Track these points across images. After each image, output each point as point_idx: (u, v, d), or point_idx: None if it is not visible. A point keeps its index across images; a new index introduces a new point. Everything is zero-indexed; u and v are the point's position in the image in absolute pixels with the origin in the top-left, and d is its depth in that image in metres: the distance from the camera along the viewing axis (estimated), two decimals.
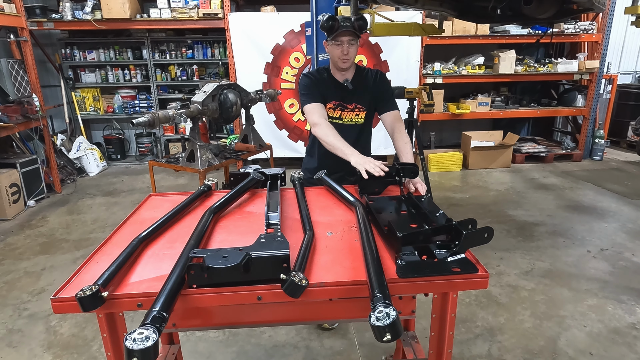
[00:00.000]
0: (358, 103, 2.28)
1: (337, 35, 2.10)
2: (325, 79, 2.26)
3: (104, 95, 6.53)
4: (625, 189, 5.11)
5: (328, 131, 2.08)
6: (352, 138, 2.26)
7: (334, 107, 2.27)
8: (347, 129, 2.28)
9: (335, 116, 2.30)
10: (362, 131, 2.35)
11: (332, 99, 2.26)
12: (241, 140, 4.01)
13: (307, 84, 2.22)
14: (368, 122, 2.36)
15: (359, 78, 2.27)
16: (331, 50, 2.17)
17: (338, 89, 2.25)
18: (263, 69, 5.79)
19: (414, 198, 1.69)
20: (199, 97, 3.41)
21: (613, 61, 7.03)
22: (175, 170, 3.61)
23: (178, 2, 5.52)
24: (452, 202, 4.81)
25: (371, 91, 2.28)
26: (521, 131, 7.39)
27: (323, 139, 2.09)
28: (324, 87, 2.23)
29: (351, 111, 2.28)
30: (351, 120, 2.30)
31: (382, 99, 2.29)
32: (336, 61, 2.18)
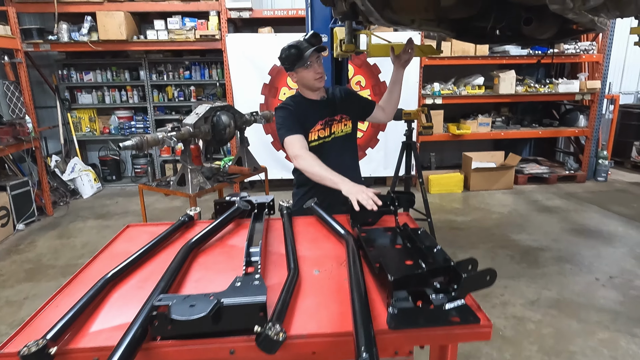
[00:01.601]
0: (342, 113, 2.26)
1: (304, 59, 2.06)
2: (304, 104, 2.18)
3: (101, 116, 6.47)
4: (631, 211, 4.96)
5: (312, 161, 1.97)
6: (347, 148, 2.28)
7: (323, 126, 2.20)
8: (340, 141, 2.26)
9: (326, 134, 2.22)
10: (352, 140, 2.35)
11: (318, 119, 2.18)
12: (235, 163, 3.90)
13: (284, 115, 2.13)
14: (354, 130, 2.35)
15: (329, 93, 2.29)
16: (302, 76, 2.12)
17: (321, 107, 2.20)
18: (260, 90, 5.74)
19: (410, 230, 1.56)
20: (190, 119, 3.32)
21: (614, 81, 6.96)
22: (166, 194, 3.50)
23: (175, 24, 5.50)
24: (454, 226, 4.66)
25: (347, 102, 2.30)
26: (523, 151, 7.28)
27: (308, 171, 1.98)
28: (305, 113, 2.14)
29: (339, 122, 2.26)
30: (342, 131, 2.27)
31: (361, 105, 2.36)
32: (312, 83, 2.13)
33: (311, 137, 2.16)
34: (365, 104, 2.42)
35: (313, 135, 2.17)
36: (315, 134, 2.18)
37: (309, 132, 2.16)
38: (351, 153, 2.33)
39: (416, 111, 3.38)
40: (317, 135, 2.18)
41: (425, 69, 5.83)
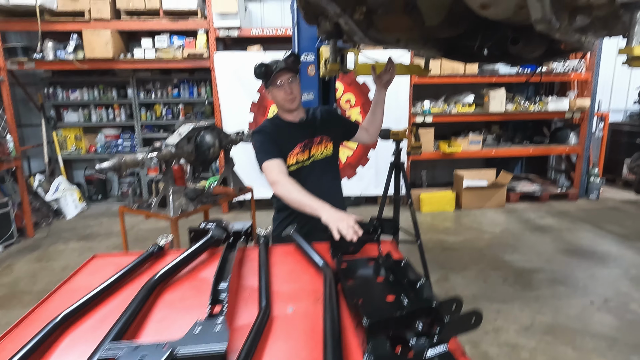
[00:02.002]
0: (322, 135, 2.18)
1: (275, 78, 2.01)
2: (282, 127, 2.11)
3: (87, 135, 6.36)
4: (625, 230, 4.90)
5: (290, 187, 1.88)
6: (327, 171, 2.18)
7: (302, 149, 2.11)
8: (320, 165, 2.16)
9: (305, 158, 2.13)
10: (333, 162, 2.26)
11: (297, 141, 2.10)
12: (220, 183, 3.80)
13: (261, 139, 2.06)
14: (335, 153, 2.26)
15: (309, 114, 2.20)
16: (275, 95, 2.06)
17: (299, 130, 2.12)
18: (249, 108, 5.68)
19: (393, 262, 1.46)
20: (172, 139, 3.22)
21: (603, 99, 6.99)
22: (146, 217, 3.38)
23: (163, 43, 5.46)
24: (446, 246, 4.56)
25: (328, 123, 2.21)
26: (515, 169, 7.25)
27: (286, 197, 1.89)
28: (282, 136, 2.07)
29: (319, 144, 2.17)
30: (322, 154, 2.17)
31: (343, 126, 2.31)
32: (283, 104, 2.07)
33: (289, 161, 2.07)
34: (348, 126, 2.36)
35: (291, 159, 2.08)
36: (293, 157, 2.09)
37: (287, 155, 2.07)
38: (332, 176, 2.24)
39: (404, 131, 3.32)
40: (295, 159, 2.09)
41: (416, 87, 5.81)
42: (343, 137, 2.38)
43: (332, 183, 2.22)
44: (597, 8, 1.86)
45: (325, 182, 2.16)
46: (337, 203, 2.15)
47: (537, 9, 1.79)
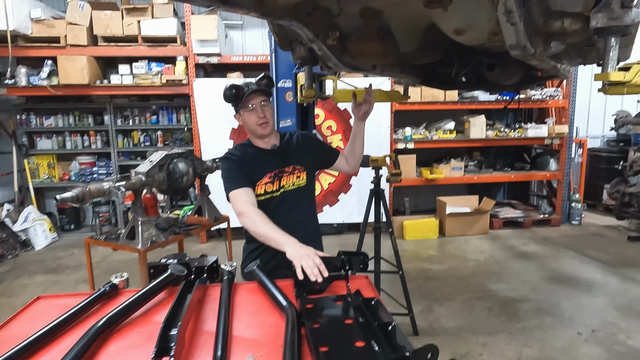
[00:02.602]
0: (295, 164, 2.04)
1: (247, 101, 1.91)
2: (251, 154, 1.99)
3: (61, 162, 6.16)
4: (608, 256, 4.86)
5: (256, 219, 1.76)
6: (299, 203, 2.03)
7: (272, 180, 1.97)
8: (291, 196, 2.01)
9: (274, 189, 1.98)
10: (307, 193, 2.10)
11: (267, 171, 1.96)
12: (195, 213, 3.65)
13: (229, 167, 1.94)
14: (310, 183, 2.11)
15: (284, 141, 2.07)
16: (246, 120, 1.95)
17: (270, 158, 1.99)
18: (229, 135, 5.59)
19: (362, 301, 1.35)
20: (143, 167, 3.09)
21: (581, 126, 7.11)
22: (113, 249, 3.20)
23: (141, 69, 5.38)
24: (429, 275, 4.44)
25: (303, 151, 2.08)
26: (497, 195, 7.25)
27: (252, 230, 1.78)
28: (252, 164, 1.94)
29: (291, 174, 2.02)
30: (293, 184, 2.03)
31: (321, 154, 2.20)
32: (255, 129, 1.95)
33: (258, 191, 1.94)
34: (327, 153, 2.23)
35: (259, 189, 1.95)
36: (261, 187, 1.95)
37: (256, 185, 1.94)
38: (305, 208, 2.09)
39: (383, 158, 3.25)
40: (263, 190, 1.95)
41: (397, 113, 5.82)
42: (321, 165, 2.27)
43: (304, 215, 2.08)
44: (571, 34, 1.84)
45: (296, 214, 2.02)
46: (310, 236, 2.02)
47: (511, 34, 1.75)
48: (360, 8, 1.97)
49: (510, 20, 1.60)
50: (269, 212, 1.89)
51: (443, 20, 1.89)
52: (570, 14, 1.66)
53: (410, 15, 2.01)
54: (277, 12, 1.81)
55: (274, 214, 1.90)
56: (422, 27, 2.21)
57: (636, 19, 1.60)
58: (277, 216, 1.90)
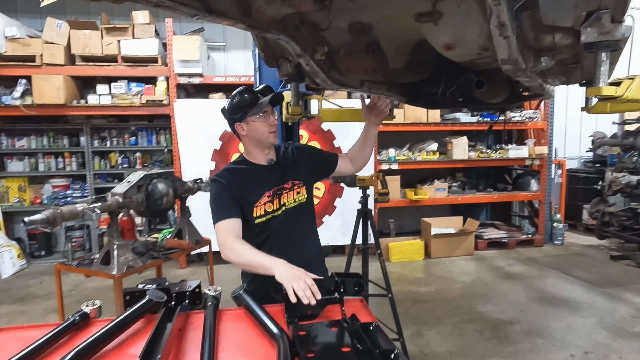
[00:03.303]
0: (294, 179, 1.91)
1: (260, 107, 1.79)
2: (246, 173, 1.85)
3: (32, 185, 5.90)
4: (593, 276, 4.86)
5: (239, 248, 1.63)
6: (301, 219, 1.89)
7: (271, 199, 1.83)
8: (294, 213, 1.87)
9: (275, 208, 1.84)
10: (308, 208, 1.96)
11: (265, 189, 1.83)
12: (175, 236, 3.49)
13: (217, 193, 1.79)
14: (310, 198, 1.99)
15: (280, 155, 1.94)
16: (255, 128, 1.80)
17: (267, 175, 1.86)
18: (211, 156, 5.46)
19: (360, 326, 1.24)
20: (120, 188, 2.94)
21: (559, 147, 7.26)
22: (86, 275, 3.01)
23: (120, 89, 5.26)
24: (417, 298, 4.34)
25: (301, 164, 1.96)
26: (480, 216, 7.27)
27: (236, 261, 1.64)
28: (246, 185, 1.80)
29: (291, 190, 1.89)
30: (294, 201, 1.89)
31: (319, 163, 2.07)
32: (266, 137, 1.82)
33: (256, 213, 1.80)
34: (326, 161, 2.09)
35: (259, 211, 1.80)
36: (261, 208, 1.81)
37: (254, 206, 1.79)
38: (307, 225, 1.96)
39: (370, 177, 3.19)
40: (263, 210, 1.81)
41: (380, 134, 5.79)
42: (322, 175, 2.14)
43: (307, 231, 1.95)
44: (561, 49, 1.83)
45: (300, 232, 1.89)
46: (314, 253, 1.95)
47: (503, 48, 1.73)
48: (350, 22, 1.93)
49: (503, 34, 1.57)
50: (271, 233, 1.79)
51: (433, 35, 1.86)
52: (561, 29, 1.65)
53: (400, 30, 1.98)
54: (264, 24, 1.75)
55: (276, 234, 1.80)
56: (411, 43, 2.19)
57: (626, 33, 1.60)
58: (280, 237, 1.81)
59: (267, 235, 1.83)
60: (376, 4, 1.79)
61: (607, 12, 1.52)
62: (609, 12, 1.52)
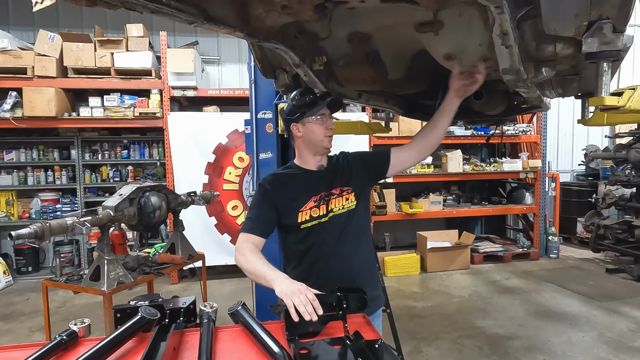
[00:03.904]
0: (342, 186, 1.82)
1: (318, 109, 1.76)
2: (294, 177, 1.80)
3: (21, 199, 5.77)
4: (590, 289, 4.83)
5: (249, 255, 1.58)
6: (350, 228, 1.79)
7: (317, 204, 1.76)
8: (341, 220, 1.78)
9: (322, 213, 1.76)
10: (358, 217, 1.83)
11: (312, 194, 1.76)
12: (167, 250, 3.40)
13: (257, 201, 1.78)
14: (362, 205, 1.85)
15: (331, 163, 1.87)
16: (311, 131, 1.76)
17: (316, 180, 1.79)
18: (204, 170, 5.40)
19: (365, 344, 1.18)
20: (111, 201, 2.87)
21: (552, 160, 7.31)
22: (75, 292, 2.91)
23: (113, 101, 5.21)
24: (414, 313, 4.27)
25: (350, 171, 1.86)
26: (474, 229, 7.24)
27: (244, 267, 1.59)
28: (293, 189, 1.76)
29: (339, 196, 1.80)
30: (343, 208, 1.79)
31: (371, 168, 1.92)
32: (321, 140, 1.76)
33: (302, 218, 1.74)
34: (378, 162, 1.94)
35: (304, 216, 1.74)
36: (306, 213, 1.74)
37: (299, 211, 1.73)
38: (357, 234, 1.83)
39: None
40: (309, 215, 1.74)
41: (375, 148, 5.79)
42: (376, 177, 1.98)
43: (356, 242, 1.83)
44: (562, 59, 1.82)
45: (348, 242, 1.79)
46: (365, 267, 1.87)
47: (505, 58, 1.71)
48: (349, 32, 1.91)
49: (505, 43, 1.55)
50: (317, 240, 1.73)
51: (434, 45, 1.85)
52: (562, 39, 1.64)
53: (400, 40, 1.96)
54: (263, 33, 1.72)
55: (322, 242, 1.73)
56: (410, 53, 2.17)
57: (627, 43, 1.59)
58: (326, 245, 1.74)
59: (312, 242, 1.76)
60: (376, 13, 1.77)
61: (609, 22, 1.51)
62: (610, 22, 1.51)
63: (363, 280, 1.81)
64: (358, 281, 1.80)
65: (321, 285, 1.65)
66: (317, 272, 1.77)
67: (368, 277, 1.88)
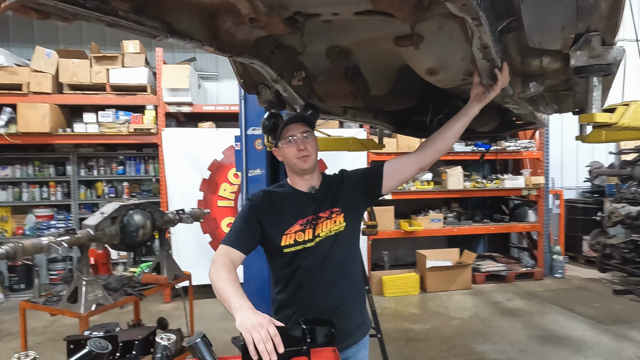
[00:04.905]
0: (333, 207, 1.72)
1: (286, 131, 1.68)
2: (283, 197, 1.73)
3: (15, 215, 5.73)
4: (596, 312, 4.63)
5: (223, 274, 1.47)
6: (335, 253, 1.69)
7: (303, 228, 1.67)
8: (327, 245, 1.67)
9: (307, 238, 1.66)
10: (346, 239, 1.72)
11: (299, 217, 1.68)
12: (153, 270, 3.31)
13: (242, 214, 1.71)
14: (351, 227, 1.74)
15: (326, 184, 1.77)
16: (285, 154, 1.70)
17: (305, 202, 1.71)
18: (199, 186, 5.33)
19: None
20: (92, 219, 2.79)
21: (555, 177, 7.15)
22: (52, 314, 2.81)
23: (107, 117, 5.19)
24: (411, 336, 4.11)
25: (342, 190, 1.76)
26: (477, 247, 7.07)
27: (213, 283, 1.49)
28: (279, 209, 1.69)
29: (328, 219, 1.70)
30: (330, 231, 1.69)
31: (363, 186, 1.79)
32: (294, 163, 1.68)
33: (285, 241, 1.65)
34: (370, 178, 1.80)
35: (288, 239, 1.65)
36: (290, 237, 1.66)
37: (283, 234, 1.65)
38: (343, 259, 1.72)
39: None
40: (293, 239, 1.66)
41: (373, 164, 5.70)
42: (371, 197, 1.85)
43: (342, 266, 1.73)
44: (550, 74, 1.73)
45: (333, 267, 1.69)
46: (350, 294, 1.76)
47: (487, 72, 1.64)
48: (327, 46, 1.84)
49: (486, 57, 1.47)
50: (301, 266, 1.65)
51: (415, 60, 1.76)
52: (549, 52, 1.55)
53: (381, 55, 1.89)
54: (235, 47, 1.65)
55: (307, 269, 1.65)
56: (393, 68, 2.09)
57: (618, 57, 1.50)
58: (310, 271, 1.65)
59: (296, 267, 1.67)
60: (353, 26, 1.70)
61: (597, 34, 1.42)
62: (599, 35, 1.42)
63: (349, 307, 1.73)
64: (344, 308, 1.71)
65: (306, 311, 1.62)
66: (301, 298, 1.69)
67: (354, 303, 1.79)
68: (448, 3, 1.10)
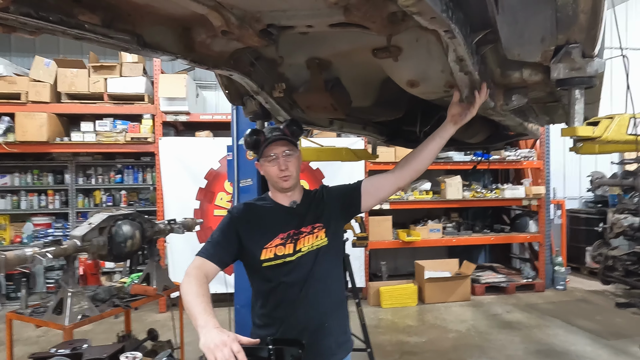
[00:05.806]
0: (314, 222, 1.71)
1: (268, 149, 1.65)
2: (264, 210, 1.72)
3: (14, 223, 5.75)
4: (597, 325, 4.53)
5: (194, 288, 1.44)
6: (317, 269, 1.66)
7: (284, 242, 1.65)
8: (309, 260, 1.65)
9: (288, 252, 1.63)
10: (328, 254, 1.70)
11: (280, 231, 1.66)
12: (143, 281, 3.28)
13: (221, 227, 1.68)
14: (333, 242, 1.72)
15: (307, 200, 1.77)
16: (267, 171, 1.68)
17: (286, 216, 1.70)
18: (196, 195, 5.33)
19: None
20: (79, 230, 2.77)
21: (558, 187, 7.06)
22: (37, 326, 2.79)
23: (105, 126, 5.21)
24: (406, 349, 4.04)
25: (323, 206, 1.75)
26: (478, 258, 6.98)
27: (183, 296, 1.47)
28: (260, 223, 1.67)
29: (309, 234, 1.69)
30: (312, 246, 1.67)
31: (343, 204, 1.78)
32: (275, 182, 1.67)
33: (265, 255, 1.62)
34: (348, 195, 1.80)
35: (268, 253, 1.62)
36: (270, 250, 1.63)
37: (263, 248, 1.62)
38: (324, 275, 1.69)
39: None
40: (273, 253, 1.63)
41: (371, 173, 5.66)
42: (350, 213, 1.84)
43: (324, 283, 1.69)
44: (533, 86, 1.69)
45: (314, 283, 1.66)
46: (331, 310, 1.71)
47: (466, 85, 1.60)
48: (307, 58, 1.82)
49: (463, 69, 1.44)
50: (282, 282, 1.62)
51: (395, 72, 1.74)
52: (529, 64, 1.51)
53: (362, 66, 1.86)
54: (211, 59, 1.64)
55: (286, 284, 1.62)
56: (377, 80, 2.07)
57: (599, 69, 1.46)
58: (291, 287, 1.62)
59: (277, 283, 1.64)
60: (331, 38, 1.68)
61: (577, 46, 1.38)
62: (579, 47, 1.38)
63: (331, 324, 1.70)
64: (327, 325, 1.68)
65: (287, 330, 1.60)
66: (281, 315, 1.65)
67: (336, 320, 1.75)
68: (416, 16, 1.08)
